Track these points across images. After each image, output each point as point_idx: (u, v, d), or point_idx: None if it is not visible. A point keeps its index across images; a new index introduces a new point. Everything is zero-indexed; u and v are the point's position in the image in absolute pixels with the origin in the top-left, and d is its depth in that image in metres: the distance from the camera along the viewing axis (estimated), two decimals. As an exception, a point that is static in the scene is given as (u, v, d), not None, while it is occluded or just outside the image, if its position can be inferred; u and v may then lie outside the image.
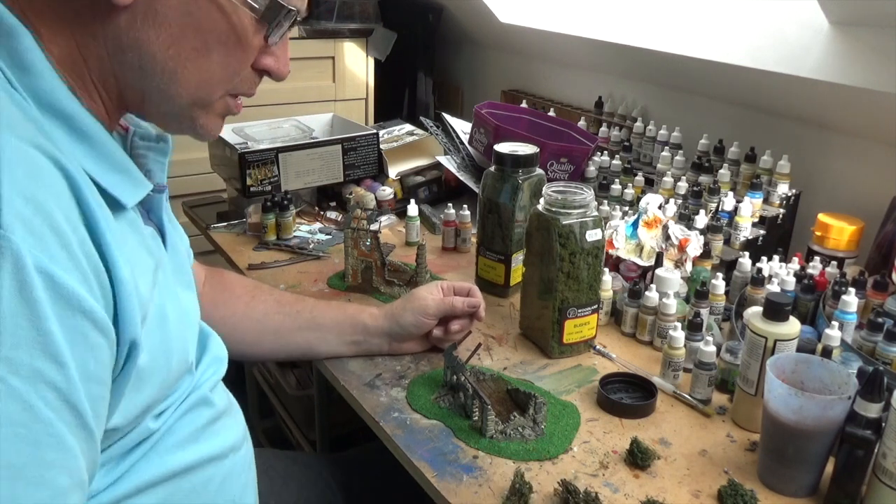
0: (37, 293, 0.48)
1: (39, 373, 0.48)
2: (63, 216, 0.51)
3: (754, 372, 0.91)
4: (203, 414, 0.74)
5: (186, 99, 0.65)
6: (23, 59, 0.55)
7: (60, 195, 0.52)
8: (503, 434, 0.90)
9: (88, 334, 0.51)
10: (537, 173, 1.21)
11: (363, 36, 2.40)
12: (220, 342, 0.84)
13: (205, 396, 0.75)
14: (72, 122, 0.57)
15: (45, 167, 0.51)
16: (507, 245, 1.23)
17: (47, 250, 0.49)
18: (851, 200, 1.38)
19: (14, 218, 0.47)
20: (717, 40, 1.55)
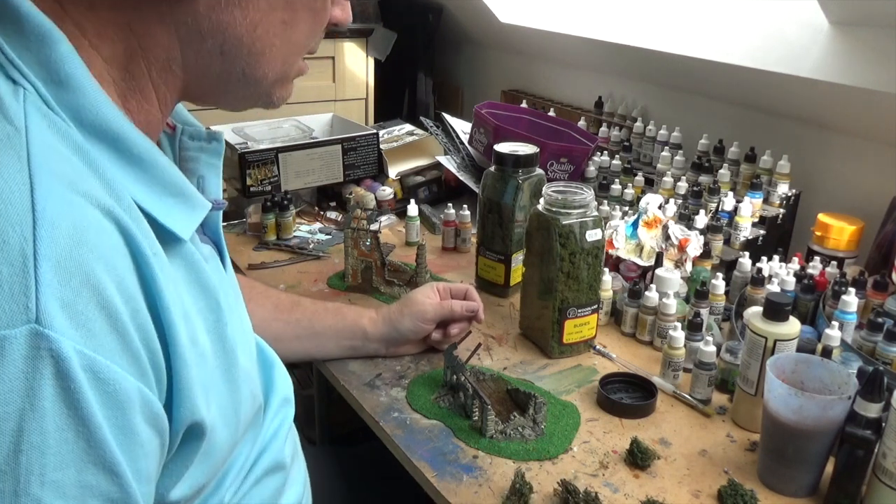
0: (84, 399, 0.41)
1: (90, 488, 0.42)
2: (115, 286, 0.43)
3: (754, 372, 0.91)
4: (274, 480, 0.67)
5: (272, 77, 0.58)
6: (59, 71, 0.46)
7: (112, 257, 0.44)
8: (503, 434, 0.90)
9: (139, 431, 0.45)
10: (537, 173, 1.21)
11: (363, 36, 2.41)
12: (286, 375, 0.76)
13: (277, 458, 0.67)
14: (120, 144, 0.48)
15: (95, 222, 0.43)
16: (507, 245, 1.23)
17: (94, 339, 0.41)
18: (851, 200, 1.38)
19: (54, 305, 0.39)
20: (717, 40, 1.55)
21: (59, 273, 0.40)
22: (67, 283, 0.40)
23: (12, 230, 0.39)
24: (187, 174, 0.62)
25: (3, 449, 0.38)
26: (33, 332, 0.39)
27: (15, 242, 0.39)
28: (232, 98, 0.60)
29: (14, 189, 0.40)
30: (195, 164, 0.63)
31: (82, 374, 0.40)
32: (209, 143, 0.63)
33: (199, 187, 0.63)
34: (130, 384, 0.43)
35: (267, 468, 0.66)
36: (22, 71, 0.45)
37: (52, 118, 0.45)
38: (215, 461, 0.56)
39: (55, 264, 0.40)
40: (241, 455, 0.62)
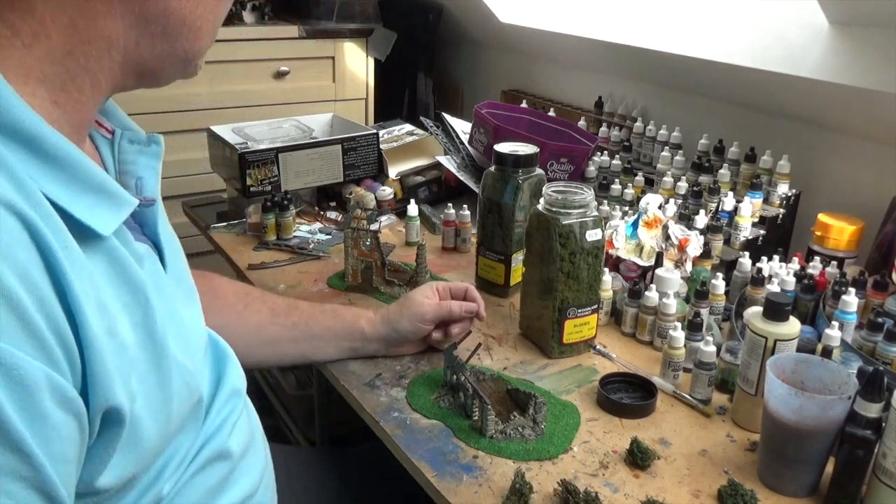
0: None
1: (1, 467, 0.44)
2: (17, 277, 0.45)
3: (754, 372, 0.91)
4: (218, 469, 0.68)
5: (203, 48, 0.62)
6: None
7: (16, 250, 0.45)
8: (503, 434, 0.90)
9: (50, 414, 0.46)
10: (537, 173, 1.21)
11: (363, 36, 2.41)
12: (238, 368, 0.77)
13: (221, 448, 0.68)
14: (34, 144, 0.50)
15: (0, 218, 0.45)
16: (508, 245, 1.23)
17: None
18: (851, 200, 1.38)
19: None
20: (717, 40, 1.55)
21: None
22: None
23: None
24: (125, 176, 0.65)
25: None
26: None
27: None
28: (165, 75, 0.62)
29: None
30: (134, 166, 0.66)
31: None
32: (148, 147, 0.66)
33: (137, 188, 0.65)
34: (36, 369, 0.45)
35: (210, 457, 0.67)
36: None
37: None
38: (144, 452, 0.57)
39: None
40: (181, 447, 0.63)
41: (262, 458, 0.77)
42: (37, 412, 0.46)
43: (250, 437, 0.75)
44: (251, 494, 0.73)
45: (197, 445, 0.66)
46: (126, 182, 0.66)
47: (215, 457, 0.67)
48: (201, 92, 2.20)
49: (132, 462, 0.56)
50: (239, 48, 2.22)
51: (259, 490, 0.74)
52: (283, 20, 2.37)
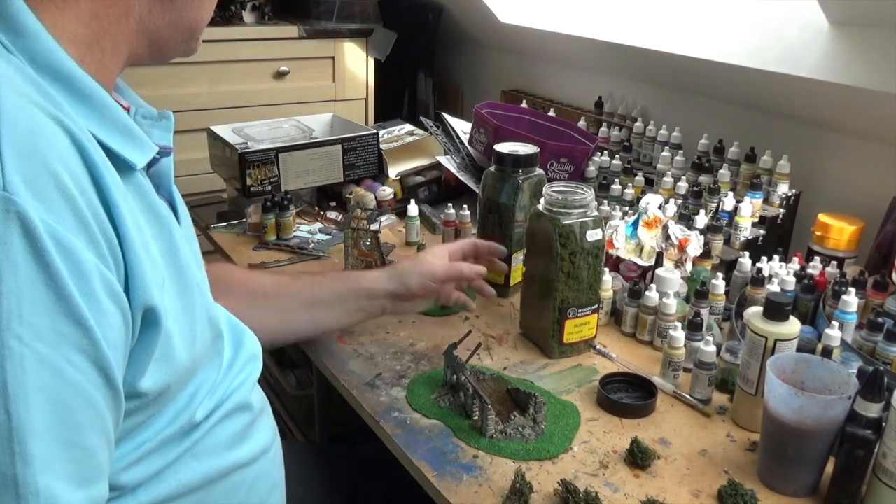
0: (51, 257, 0.47)
1: (64, 336, 0.48)
2: (69, 176, 0.49)
3: (754, 372, 0.91)
4: (242, 418, 0.73)
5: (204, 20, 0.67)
6: (15, 22, 0.53)
7: (65, 154, 0.50)
8: (503, 434, 0.90)
9: (102, 300, 0.51)
10: (537, 173, 1.21)
11: (363, 36, 2.41)
12: (254, 338, 0.82)
13: (244, 400, 0.74)
14: (72, 84, 0.55)
15: (48, 125, 0.50)
16: (508, 245, 1.22)
17: (55, 214, 0.48)
18: (851, 200, 1.38)
19: (17, 179, 0.46)
20: (717, 40, 1.55)
21: (19, 156, 0.46)
22: (28, 164, 0.47)
23: None
24: None
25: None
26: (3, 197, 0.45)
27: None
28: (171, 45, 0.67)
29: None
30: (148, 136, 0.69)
31: (46, 237, 0.47)
32: (159, 121, 0.70)
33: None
34: (90, 258, 0.50)
35: (235, 407, 0.72)
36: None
37: (11, 58, 0.53)
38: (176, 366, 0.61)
39: (15, 149, 0.46)
40: (207, 379, 0.68)
41: (272, 424, 0.82)
42: (93, 295, 0.50)
43: (265, 402, 0.81)
44: (266, 450, 0.78)
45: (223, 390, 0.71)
46: None
47: (239, 407, 0.73)
48: (201, 92, 2.20)
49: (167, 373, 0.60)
50: (239, 48, 2.22)
51: (273, 448, 0.80)
52: (283, 20, 2.37)
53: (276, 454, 0.81)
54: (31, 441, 0.47)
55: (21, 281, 0.46)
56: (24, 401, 0.46)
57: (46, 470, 0.47)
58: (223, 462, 0.70)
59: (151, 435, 0.62)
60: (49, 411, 0.48)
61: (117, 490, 0.60)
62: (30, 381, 0.46)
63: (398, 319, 1.19)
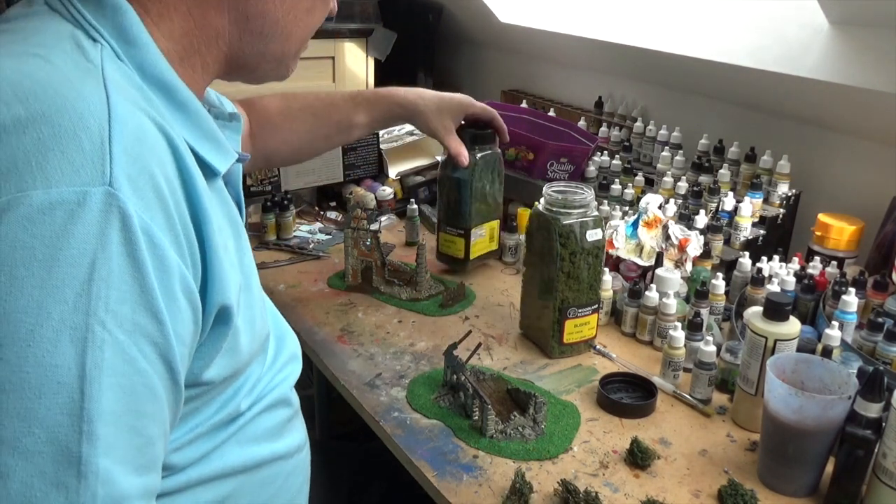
0: (141, 252, 0.50)
1: (141, 327, 0.51)
2: (164, 179, 0.53)
3: (754, 372, 0.91)
4: (281, 413, 0.77)
5: (293, 52, 0.71)
6: (129, 32, 0.58)
7: (163, 158, 0.54)
8: (503, 434, 0.90)
9: (178, 297, 0.54)
10: (493, 151, 1.29)
11: (363, 36, 2.40)
12: (295, 339, 0.85)
13: (285, 395, 0.77)
14: (172, 93, 0.60)
15: (151, 130, 0.54)
16: (467, 219, 1.28)
17: (150, 211, 0.51)
18: (851, 200, 1.38)
19: (123, 177, 0.50)
20: (717, 40, 1.55)
21: (126, 155, 0.51)
22: (132, 164, 0.51)
23: (93, 119, 0.50)
24: None
25: (81, 276, 0.48)
26: (108, 192, 0.49)
27: (95, 127, 0.50)
28: (262, 71, 0.72)
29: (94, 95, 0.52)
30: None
31: (141, 233, 0.50)
32: (230, 122, 0.73)
33: None
34: (173, 256, 0.53)
35: (276, 401, 0.75)
36: (101, 32, 0.57)
37: (121, 66, 0.57)
38: (239, 359, 0.65)
39: (123, 148, 0.51)
40: (252, 374, 0.71)
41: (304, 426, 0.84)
42: (171, 292, 0.53)
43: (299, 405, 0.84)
44: (301, 447, 0.81)
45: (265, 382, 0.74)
46: None
47: (279, 402, 0.76)
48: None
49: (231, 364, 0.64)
50: (239, 48, 2.22)
51: (306, 447, 0.83)
52: (283, 20, 2.37)
53: (307, 455, 0.84)
54: (99, 422, 0.49)
55: (113, 270, 0.49)
56: (98, 383, 0.49)
57: (109, 452, 0.49)
58: (263, 451, 0.73)
59: (202, 420, 0.65)
60: (119, 397, 0.50)
61: (168, 469, 0.62)
62: (106, 365, 0.49)
63: (398, 319, 1.19)
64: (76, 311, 0.48)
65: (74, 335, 0.48)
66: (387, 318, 1.19)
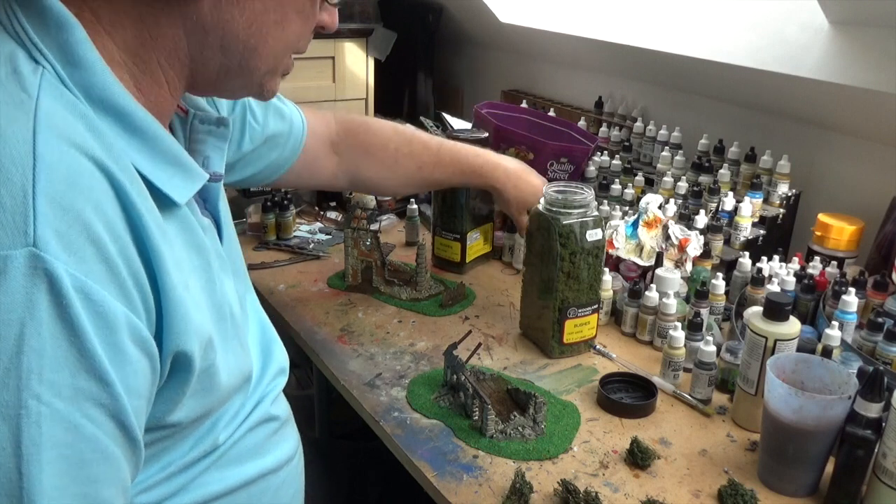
0: (75, 313, 0.47)
1: (83, 391, 0.48)
2: (103, 225, 0.49)
3: (754, 372, 0.91)
4: (266, 429, 0.74)
5: (263, 70, 0.65)
6: (74, 53, 0.53)
7: (102, 201, 0.50)
8: (503, 434, 0.90)
9: (128, 350, 0.50)
10: None
11: (363, 36, 2.40)
12: (283, 349, 0.83)
13: (269, 412, 0.75)
14: (124, 118, 0.55)
15: (87, 171, 0.49)
16: (463, 224, 1.30)
17: (84, 265, 0.47)
18: (851, 200, 1.38)
19: (49, 233, 0.46)
20: (717, 40, 1.55)
21: (53, 208, 0.47)
22: (61, 216, 0.47)
23: (15, 169, 0.46)
24: (194, 154, 0.70)
25: (8, 351, 0.45)
26: (31, 253, 0.45)
27: (17, 179, 0.46)
28: (229, 87, 0.66)
29: (19, 138, 0.47)
30: (203, 145, 0.71)
31: (73, 293, 0.47)
32: (217, 128, 0.70)
33: (204, 166, 0.70)
34: (118, 308, 0.49)
35: (260, 419, 0.73)
36: (43, 53, 0.52)
37: (64, 92, 0.52)
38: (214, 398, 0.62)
39: (50, 200, 0.46)
40: (233, 405, 0.68)
41: (296, 433, 0.83)
42: (118, 347, 0.50)
43: (289, 411, 0.82)
44: (290, 459, 0.78)
45: (249, 406, 0.72)
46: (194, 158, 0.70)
47: (264, 419, 0.74)
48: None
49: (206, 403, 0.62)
50: (239, 48, 2.22)
51: (296, 457, 0.81)
52: (283, 20, 2.37)
53: (298, 462, 0.82)
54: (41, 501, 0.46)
55: (44, 338, 0.46)
56: (38, 459, 0.46)
57: None
58: (248, 471, 0.71)
59: (175, 458, 0.63)
60: (63, 469, 0.47)
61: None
62: (45, 439, 0.46)
63: (398, 319, 1.19)
64: (5, 389, 0.45)
65: (6, 413, 0.45)
66: (387, 318, 1.19)
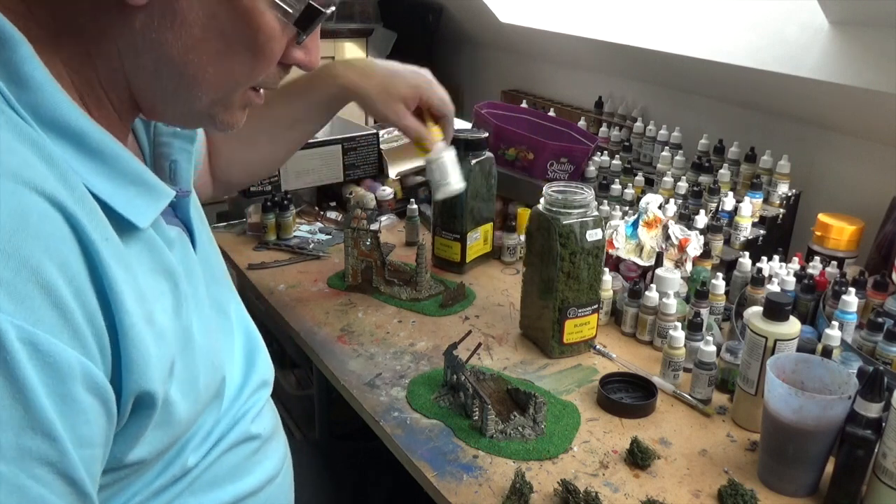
0: (21, 368, 0.44)
1: (28, 451, 0.45)
2: (56, 267, 0.46)
3: (754, 372, 0.91)
4: (245, 449, 0.71)
5: (206, 100, 0.59)
6: (20, 71, 0.49)
7: (55, 241, 0.47)
8: (503, 434, 0.90)
9: (80, 399, 0.48)
10: (487, 156, 1.30)
11: (363, 36, 2.40)
12: (268, 361, 0.79)
13: (248, 431, 0.71)
14: (78, 139, 0.52)
15: (37, 210, 0.46)
16: (463, 224, 1.30)
17: (32, 314, 0.45)
18: (851, 200, 1.38)
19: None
20: (717, 40, 1.55)
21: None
22: (6, 264, 0.44)
23: None
24: (160, 159, 0.67)
25: None
26: None
27: None
28: (172, 114, 0.62)
29: None
30: (169, 149, 0.68)
31: (19, 345, 0.44)
32: (182, 129, 0.67)
33: (171, 171, 0.67)
34: (71, 356, 0.47)
35: (238, 439, 0.69)
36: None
37: (11, 116, 0.48)
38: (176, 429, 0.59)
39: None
40: (205, 423, 0.65)
41: (283, 444, 0.80)
42: (68, 397, 0.47)
43: (275, 423, 0.79)
44: (273, 477, 0.75)
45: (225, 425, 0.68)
46: (160, 165, 0.68)
47: (243, 439, 0.70)
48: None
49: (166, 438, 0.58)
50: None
51: (280, 474, 0.77)
52: (283, 20, 2.37)
53: (284, 479, 0.78)
54: None
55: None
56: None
57: None
58: (224, 496, 0.67)
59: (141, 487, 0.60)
60: None
61: None
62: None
63: (398, 319, 1.19)
64: None
65: None
66: (387, 318, 1.19)
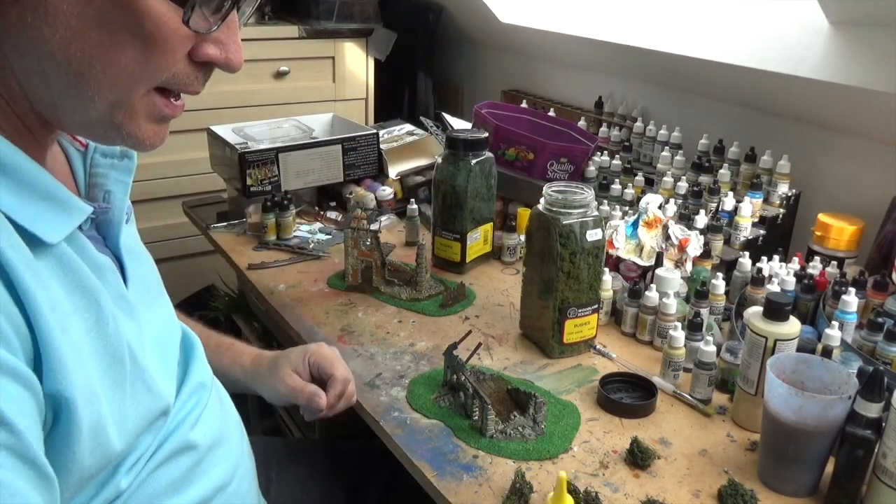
0: None
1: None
2: None
3: (754, 372, 0.91)
4: (183, 461, 0.67)
5: (102, 104, 0.54)
6: None
7: None
8: (503, 434, 0.90)
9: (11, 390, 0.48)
10: (487, 156, 1.30)
11: (363, 36, 2.40)
12: (205, 362, 0.76)
13: (184, 440, 0.67)
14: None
15: None
16: (463, 224, 1.31)
17: None
18: (851, 200, 1.38)
19: None
20: (717, 40, 1.55)
21: None
22: None
23: None
24: (95, 189, 0.65)
25: None
26: None
27: None
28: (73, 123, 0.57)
29: None
30: (104, 179, 0.66)
31: None
32: (121, 161, 0.66)
33: (105, 201, 0.66)
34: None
35: (173, 451, 0.66)
36: None
37: None
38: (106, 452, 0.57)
39: None
40: (140, 446, 0.63)
41: (236, 448, 0.76)
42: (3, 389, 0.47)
43: (221, 427, 0.74)
44: (224, 486, 0.72)
45: (158, 441, 0.65)
46: (94, 195, 0.66)
47: (179, 450, 0.67)
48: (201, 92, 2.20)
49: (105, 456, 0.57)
50: (239, 48, 2.22)
51: (234, 481, 0.74)
52: (283, 20, 2.37)
53: (239, 484, 0.75)
54: None
55: None
56: None
57: None
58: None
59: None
60: None
61: None
62: None
63: (398, 319, 1.19)
64: None
65: None
66: (387, 318, 1.19)
